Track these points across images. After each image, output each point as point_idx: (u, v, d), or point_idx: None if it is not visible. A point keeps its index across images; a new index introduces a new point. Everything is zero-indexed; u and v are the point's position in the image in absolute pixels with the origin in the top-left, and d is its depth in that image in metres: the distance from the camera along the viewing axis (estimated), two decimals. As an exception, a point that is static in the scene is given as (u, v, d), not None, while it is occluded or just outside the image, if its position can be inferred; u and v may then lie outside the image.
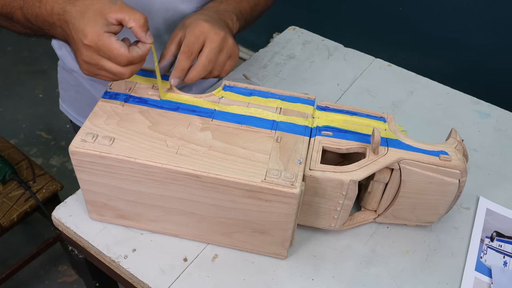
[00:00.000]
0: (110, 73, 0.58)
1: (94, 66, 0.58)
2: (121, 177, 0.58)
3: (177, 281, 0.61)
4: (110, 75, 0.59)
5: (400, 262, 0.65)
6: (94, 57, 0.57)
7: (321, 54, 1.02)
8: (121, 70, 0.58)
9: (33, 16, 0.60)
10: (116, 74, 0.58)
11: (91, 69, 0.59)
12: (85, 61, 0.57)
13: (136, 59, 0.58)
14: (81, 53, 0.57)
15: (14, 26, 0.65)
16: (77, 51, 0.58)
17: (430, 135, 0.84)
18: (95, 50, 0.56)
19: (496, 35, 1.46)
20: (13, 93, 2.17)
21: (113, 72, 0.58)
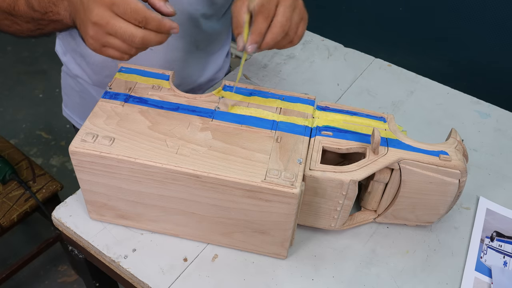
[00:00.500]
0: (120, 37, 0.53)
1: (104, 28, 0.53)
2: (121, 177, 0.58)
3: (177, 281, 0.61)
4: (119, 43, 0.54)
5: (400, 262, 0.65)
6: (106, 15, 0.52)
7: (321, 54, 1.02)
8: (133, 30, 0.53)
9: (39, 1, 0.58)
10: (127, 36, 0.53)
11: (99, 35, 0.54)
12: (95, 22, 0.52)
13: (153, 20, 0.53)
14: (91, 13, 0.53)
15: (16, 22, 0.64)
16: (87, 13, 0.53)
17: (430, 135, 0.84)
18: (109, 6, 0.52)
19: (496, 35, 1.46)
20: (13, 93, 2.17)
21: (124, 33, 0.52)
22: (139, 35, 0.53)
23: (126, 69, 0.69)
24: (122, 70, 0.69)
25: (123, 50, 0.55)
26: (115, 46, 0.54)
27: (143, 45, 0.54)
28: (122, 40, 0.53)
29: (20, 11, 0.60)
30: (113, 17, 0.52)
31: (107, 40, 0.54)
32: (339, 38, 1.07)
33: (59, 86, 1.05)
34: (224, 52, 0.98)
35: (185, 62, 0.87)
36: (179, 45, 0.83)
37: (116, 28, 0.52)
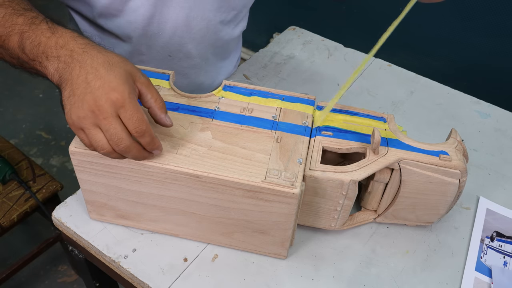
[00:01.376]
0: (108, 135, 0.51)
1: (97, 119, 0.51)
2: (121, 177, 0.58)
3: (177, 281, 0.61)
4: (102, 138, 0.52)
5: (400, 262, 0.65)
6: (108, 111, 0.50)
7: (321, 54, 1.02)
8: (124, 136, 0.51)
9: (33, 44, 0.54)
10: (116, 138, 0.51)
11: (87, 120, 0.51)
12: (92, 109, 0.51)
13: (149, 136, 0.53)
14: (93, 99, 0.51)
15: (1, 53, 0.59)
16: (87, 96, 0.51)
17: (430, 135, 0.84)
18: (117, 105, 0.51)
19: (496, 35, 1.46)
20: (13, 93, 2.17)
21: (115, 134, 0.51)
22: (126, 143, 0.52)
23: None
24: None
25: (100, 145, 0.52)
26: (96, 137, 0.52)
27: (122, 152, 0.53)
28: (108, 138, 0.52)
29: (8, 46, 0.56)
30: (114, 116, 0.51)
31: (91, 128, 0.52)
32: (339, 38, 1.07)
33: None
34: (235, 58, 0.98)
35: (200, 69, 0.88)
36: (196, 52, 0.83)
37: (110, 127, 0.51)
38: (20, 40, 0.55)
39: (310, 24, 1.22)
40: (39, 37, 0.54)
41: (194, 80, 0.89)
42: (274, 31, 2.01)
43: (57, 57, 0.53)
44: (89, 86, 0.51)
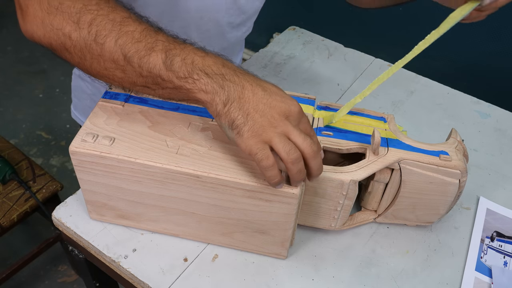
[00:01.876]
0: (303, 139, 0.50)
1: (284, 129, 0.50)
2: (121, 177, 0.58)
3: (177, 281, 0.61)
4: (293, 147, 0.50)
5: (400, 262, 0.65)
6: (295, 120, 0.51)
7: (321, 54, 1.02)
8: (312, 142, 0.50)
9: (186, 62, 0.51)
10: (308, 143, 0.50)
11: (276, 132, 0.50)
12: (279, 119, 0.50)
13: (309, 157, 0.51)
14: (272, 114, 0.50)
15: (124, 70, 0.53)
16: (265, 111, 0.50)
17: (430, 135, 0.84)
18: (299, 117, 0.51)
19: (496, 35, 1.46)
20: (13, 93, 2.17)
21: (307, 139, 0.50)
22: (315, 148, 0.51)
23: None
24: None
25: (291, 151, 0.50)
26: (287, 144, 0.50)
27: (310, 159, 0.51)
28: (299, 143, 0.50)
29: (147, 63, 0.51)
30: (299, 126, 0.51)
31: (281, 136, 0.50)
32: (339, 38, 1.07)
33: (59, 86, 1.04)
34: (237, 60, 0.98)
35: None
36: None
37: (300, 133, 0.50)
38: (167, 57, 0.51)
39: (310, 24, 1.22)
40: (191, 56, 0.51)
41: None
42: (274, 31, 2.01)
43: (221, 74, 0.51)
44: (270, 100, 0.50)
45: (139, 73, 0.52)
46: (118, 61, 0.52)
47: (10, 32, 2.53)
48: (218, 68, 0.51)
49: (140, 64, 0.51)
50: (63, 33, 0.53)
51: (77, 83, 0.95)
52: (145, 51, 0.51)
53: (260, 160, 0.49)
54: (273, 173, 0.51)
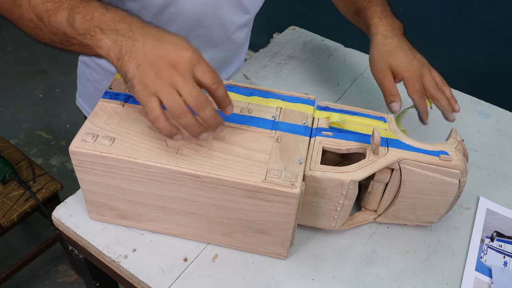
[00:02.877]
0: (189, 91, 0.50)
1: (171, 80, 0.50)
2: (121, 177, 0.58)
3: (177, 281, 0.61)
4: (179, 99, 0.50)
5: (400, 262, 0.65)
6: (183, 68, 0.51)
7: (321, 54, 1.02)
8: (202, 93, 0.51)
9: (86, 19, 0.53)
10: (196, 93, 0.50)
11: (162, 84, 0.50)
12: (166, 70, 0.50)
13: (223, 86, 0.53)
14: (161, 64, 0.50)
15: (40, 29, 0.57)
16: (154, 62, 0.51)
17: (430, 135, 0.84)
18: (192, 63, 0.51)
19: (496, 35, 1.46)
20: (13, 93, 2.17)
21: (195, 89, 0.50)
22: (204, 97, 0.51)
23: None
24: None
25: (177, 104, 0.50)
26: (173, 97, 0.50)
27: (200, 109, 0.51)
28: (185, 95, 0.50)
29: (54, 21, 0.55)
30: (190, 74, 0.51)
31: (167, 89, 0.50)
32: (339, 38, 1.07)
33: (59, 86, 1.04)
34: (239, 60, 0.98)
35: None
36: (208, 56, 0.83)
37: (189, 83, 0.50)
38: (69, 15, 0.54)
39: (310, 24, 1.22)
40: (92, 12, 0.53)
41: None
42: (274, 31, 2.01)
43: (115, 30, 0.52)
44: (159, 50, 0.51)
45: (51, 31, 0.56)
46: (34, 20, 0.56)
47: (10, 32, 2.53)
48: (114, 24, 0.53)
49: (49, 22, 0.55)
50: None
51: (82, 69, 0.95)
52: (52, 10, 0.55)
53: (147, 113, 0.51)
54: (162, 125, 0.51)
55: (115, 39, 0.52)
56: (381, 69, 0.74)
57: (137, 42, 0.52)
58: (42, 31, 0.57)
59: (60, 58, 2.36)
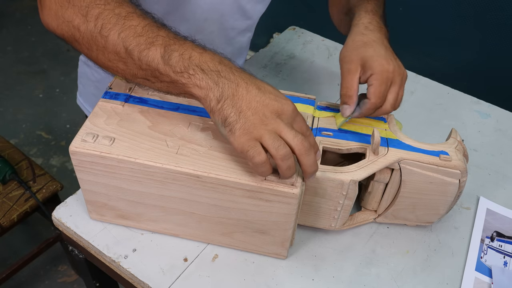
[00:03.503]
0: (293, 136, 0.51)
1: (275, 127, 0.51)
2: (121, 177, 0.58)
3: (177, 281, 0.61)
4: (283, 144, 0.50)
5: (400, 262, 0.65)
6: (288, 118, 0.52)
7: (321, 54, 1.02)
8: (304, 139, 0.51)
9: (183, 57, 0.51)
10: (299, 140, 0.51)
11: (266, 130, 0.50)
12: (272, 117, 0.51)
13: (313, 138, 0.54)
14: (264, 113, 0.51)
15: (126, 63, 0.55)
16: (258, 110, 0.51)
17: (430, 135, 0.84)
18: (292, 116, 0.52)
19: (496, 35, 1.46)
20: (13, 93, 2.17)
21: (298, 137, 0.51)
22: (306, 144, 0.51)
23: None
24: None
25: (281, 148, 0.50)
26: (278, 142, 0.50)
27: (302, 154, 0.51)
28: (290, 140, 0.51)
29: (146, 56, 0.52)
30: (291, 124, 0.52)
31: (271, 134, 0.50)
32: (339, 38, 1.07)
33: (59, 86, 1.04)
34: (240, 61, 0.98)
35: None
36: None
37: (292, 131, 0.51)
38: (165, 52, 0.52)
39: (310, 24, 1.22)
40: (189, 51, 0.52)
41: None
42: (274, 31, 2.01)
43: (217, 71, 0.51)
44: (263, 99, 0.51)
45: (139, 66, 0.54)
46: (120, 53, 0.54)
47: (10, 32, 2.53)
48: (214, 64, 0.52)
49: (139, 57, 0.53)
50: (73, 25, 0.55)
51: (83, 69, 0.95)
52: (145, 45, 0.52)
53: (252, 157, 0.50)
54: (265, 169, 0.51)
55: (216, 80, 0.51)
56: (350, 60, 0.64)
57: (239, 87, 0.51)
58: (126, 65, 0.55)
59: (60, 58, 2.36)
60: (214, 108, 0.51)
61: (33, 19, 2.60)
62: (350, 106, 0.63)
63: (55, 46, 2.43)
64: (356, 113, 0.64)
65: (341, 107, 0.64)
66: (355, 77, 0.63)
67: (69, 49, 2.42)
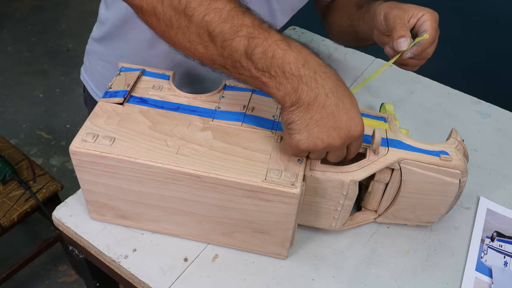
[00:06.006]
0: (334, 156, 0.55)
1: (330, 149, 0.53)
2: (121, 177, 0.58)
3: (177, 281, 0.61)
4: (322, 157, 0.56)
5: (400, 262, 0.65)
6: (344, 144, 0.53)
7: (321, 54, 1.02)
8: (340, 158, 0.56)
9: (266, 55, 0.50)
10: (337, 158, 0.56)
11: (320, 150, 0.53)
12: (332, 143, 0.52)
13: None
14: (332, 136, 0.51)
15: (207, 47, 0.53)
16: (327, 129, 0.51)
17: (431, 135, 0.84)
18: (353, 139, 0.53)
19: (496, 35, 1.46)
20: (13, 93, 2.17)
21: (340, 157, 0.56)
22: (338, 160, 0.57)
23: (126, 69, 0.69)
24: (123, 70, 0.69)
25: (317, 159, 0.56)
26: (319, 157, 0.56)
27: None
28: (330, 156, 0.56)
29: (230, 47, 0.51)
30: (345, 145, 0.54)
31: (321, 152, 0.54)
32: (339, 38, 1.07)
33: (59, 86, 1.04)
34: None
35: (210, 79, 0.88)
36: None
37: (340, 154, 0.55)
38: (248, 45, 0.50)
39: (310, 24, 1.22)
40: (273, 48, 0.50)
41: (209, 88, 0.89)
42: (274, 31, 2.00)
43: (299, 76, 0.50)
44: (335, 119, 0.51)
45: (220, 53, 0.52)
46: (203, 37, 0.52)
47: (10, 32, 2.53)
48: (297, 68, 0.50)
49: (222, 45, 0.51)
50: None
51: (94, 47, 0.92)
52: (229, 34, 0.50)
53: (293, 155, 0.56)
54: None
55: (296, 87, 0.50)
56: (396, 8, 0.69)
57: (318, 98, 0.50)
58: (206, 49, 0.53)
59: (60, 58, 2.36)
60: (286, 109, 0.51)
61: (33, 19, 2.60)
62: (407, 38, 0.66)
63: (55, 46, 2.44)
64: (413, 49, 0.67)
65: (396, 42, 0.66)
66: (405, 18, 0.68)
67: (69, 49, 2.42)
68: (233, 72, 0.53)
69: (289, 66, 0.50)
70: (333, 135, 0.51)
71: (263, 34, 0.50)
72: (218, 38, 0.51)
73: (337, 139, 0.51)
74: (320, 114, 0.50)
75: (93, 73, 0.96)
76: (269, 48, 0.50)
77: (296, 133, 0.51)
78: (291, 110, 0.51)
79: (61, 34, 2.53)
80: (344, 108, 0.51)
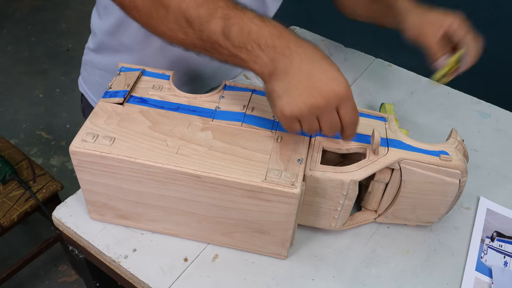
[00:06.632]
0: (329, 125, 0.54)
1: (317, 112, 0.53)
2: (121, 177, 0.58)
3: (177, 281, 0.61)
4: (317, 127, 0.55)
5: (400, 262, 0.65)
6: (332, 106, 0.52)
7: (321, 54, 1.02)
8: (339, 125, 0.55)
9: (242, 32, 0.52)
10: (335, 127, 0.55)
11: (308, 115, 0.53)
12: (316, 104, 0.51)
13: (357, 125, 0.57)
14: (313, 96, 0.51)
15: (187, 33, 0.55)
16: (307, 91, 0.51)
17: (431, 135, 0.84)
18: (341, 100, 0.52)
19: (496, 35, 1.46)
20: (13, 93, 2.17)
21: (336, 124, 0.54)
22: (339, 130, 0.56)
23: (126, 69, 0.69)
24: (122, 70, 0.69)
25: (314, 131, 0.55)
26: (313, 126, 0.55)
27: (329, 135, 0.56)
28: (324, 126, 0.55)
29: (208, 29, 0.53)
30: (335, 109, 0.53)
31: (311, 119, 0.53)
32: (339, 38, 1.07)
33: (59, 86, 1.04)
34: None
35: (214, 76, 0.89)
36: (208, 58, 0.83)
37: (332, 119, 0.54)
38: (225, 26, 0.52)
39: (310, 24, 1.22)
40: (249, 25, 0.52)
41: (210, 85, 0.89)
42: (274, 31, 2.00)
43: (273, 47, 0.51)
44: (313, 79, 0.51)
45: (199, 37, 0.54)
46: (181, 24, 0.54)
47: (10, 32, 2.53)
48: (272, 40, 0.51)
49: (200, 29, 0.53)
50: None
51: (90, 57, 0.93)
52: (205, 17, 0.53)
53: (286, 129, 0.55)
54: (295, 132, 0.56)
55: (272, 57, 0.52)
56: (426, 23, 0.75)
57: (293, 63, 0.51)
58: (186, 35, 0.55)
59: (60, 58, 2.36)
60: (266, 80, 0.53)
61: (33, 19, 2.60)
62: (445, 57, 0.74)
63: (55, 46, 2.44)
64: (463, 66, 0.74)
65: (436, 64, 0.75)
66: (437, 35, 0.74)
67: (69, 49, 2.42)
68: (214, 53, 0.55)
69: (264, 39, 0.51)
70: (314, 94, 0.51)
71: (238, 13, 0.53)
72: (196, 23, 0.53)
73: (319, 98, 0.51)
74: (298, 77, 0.51)
75: (91, 82, 0.96)
76: (244, 26, 0.52)
77: (278, 100, 0.52)
78: (271, 80, 0.52)
79: (61, 34, 2.53)
80: (321, 69, 0.52)
